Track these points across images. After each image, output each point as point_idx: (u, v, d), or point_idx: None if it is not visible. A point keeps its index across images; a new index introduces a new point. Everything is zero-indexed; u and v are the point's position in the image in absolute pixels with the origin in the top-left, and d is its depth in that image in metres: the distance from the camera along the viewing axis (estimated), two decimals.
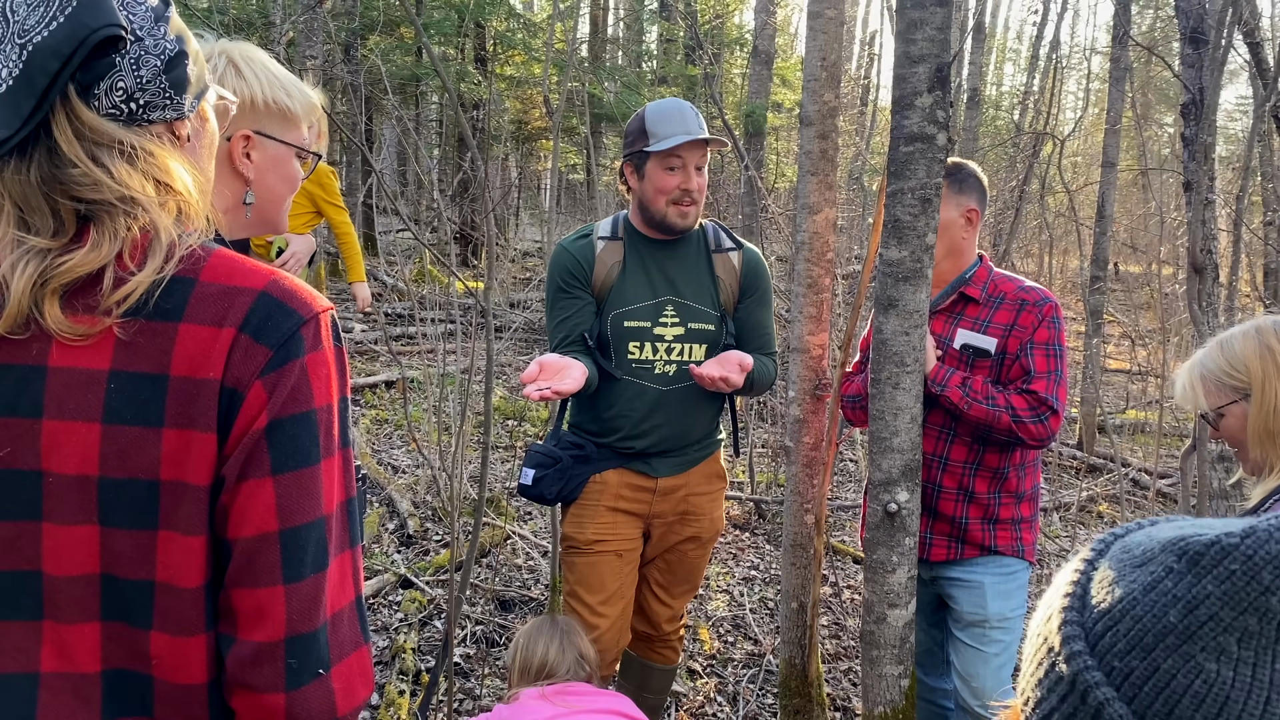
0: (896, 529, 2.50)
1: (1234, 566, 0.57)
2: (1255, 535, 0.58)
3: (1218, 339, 1.86)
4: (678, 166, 2.49)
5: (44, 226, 0.94)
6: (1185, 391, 1.88)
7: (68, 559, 0.95)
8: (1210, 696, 0.57)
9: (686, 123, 2.48)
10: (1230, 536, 0.58)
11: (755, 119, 7.56)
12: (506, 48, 13.20)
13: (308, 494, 0.98)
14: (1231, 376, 1.78)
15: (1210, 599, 0.58)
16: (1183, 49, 3.89)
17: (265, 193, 1.47)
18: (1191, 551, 0.60)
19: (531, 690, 2.22)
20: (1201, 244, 3.21)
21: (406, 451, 5.76)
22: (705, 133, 2.50)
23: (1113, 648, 0.61)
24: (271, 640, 0.96)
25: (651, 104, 2.59)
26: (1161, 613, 0.59)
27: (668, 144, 2.46)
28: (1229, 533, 0.59)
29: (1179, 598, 0.59)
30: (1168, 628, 0.59)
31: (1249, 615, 0.56)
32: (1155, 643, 0.59)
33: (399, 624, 3.71)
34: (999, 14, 24.82)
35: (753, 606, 4.25)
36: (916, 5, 2.31)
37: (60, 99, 0.92)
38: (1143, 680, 0.59)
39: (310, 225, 3.64)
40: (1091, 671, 0.61)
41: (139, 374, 0.93)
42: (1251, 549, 0.57)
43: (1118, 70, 7.01)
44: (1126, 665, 0.60)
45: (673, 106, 2.52)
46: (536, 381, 2.27)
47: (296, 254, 3.29)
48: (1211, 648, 0.57)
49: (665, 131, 2.47)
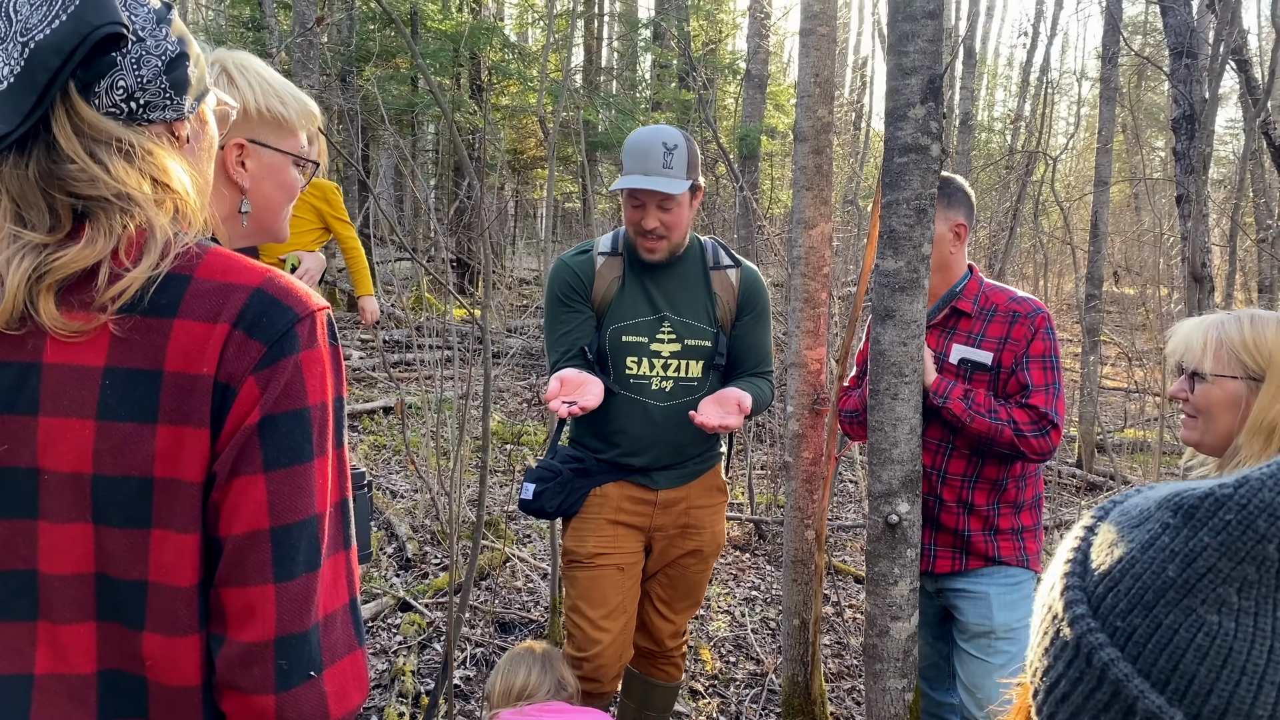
0: (898, 540, 2.49)
1: (1229, 517, 0.57)
2: (1249, 484, 0.57)
3: (1249, 312, 1.80)
4: (638, 205, 2.47)
5: (40, 222, 0.94)
6: (1189, 343, 1.82)
7: (62, 558, 0.95)
8: (1214, 649, 0.56)
9: (646, 162, 2.42)
10: (1224, 488, 0.58)
11: (749, 141, 7.62)
12: (502, 77, 13.29)
13: (300, 491, 0.97)
14: (1250, 354, 1.73)
15: (1207, 550, 0.57)
16: (1173, 65, 3.93)
17: (262, 201, 1.46)
18: (1186, 505, 0.60)
19: (508, 711, 2.22)
20: (1198, 254, 3.22)
21: (405, 476, 5.75)
22: (672, 173, 2.43)
23: (1115, 608, 0.61)
24: (261, 640, 0.95)
25: (636, 131, 2.54)
26: (1160, 568, 0.59)
27: (619, 184, 2.46)
28: (1222, 484, 0.59)
29: (1176, 552, 0.59)
30: (1167, 583, 0.58)
31: (1247, 564, 0.56)
32: (1156, 599, 0.59)
33: (398, 646, 3.68)
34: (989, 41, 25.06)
35: (754, 627, 4.22)
36: (908, 18, 2.33)
37: (61, 96, 0.92)
38: (1146, 638, 0.59)
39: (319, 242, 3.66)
40: (1095, 633, 0.61)
41: (134, 370, 0.93)
42: (1245, 498, 0.57)
43: (1108, 90, 7.08)
44: (1129, 624, 0.60)
45: (643, 141, 2.45)
46: (560, 397, 2.26)
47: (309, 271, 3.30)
48: (1212, 600, 0.57)
49: (627, 167, 2.46)
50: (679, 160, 2.45)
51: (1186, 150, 3.77)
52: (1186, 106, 3.75)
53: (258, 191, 1.45)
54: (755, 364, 2.67)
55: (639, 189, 2.42)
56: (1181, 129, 3.85)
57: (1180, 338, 1.86)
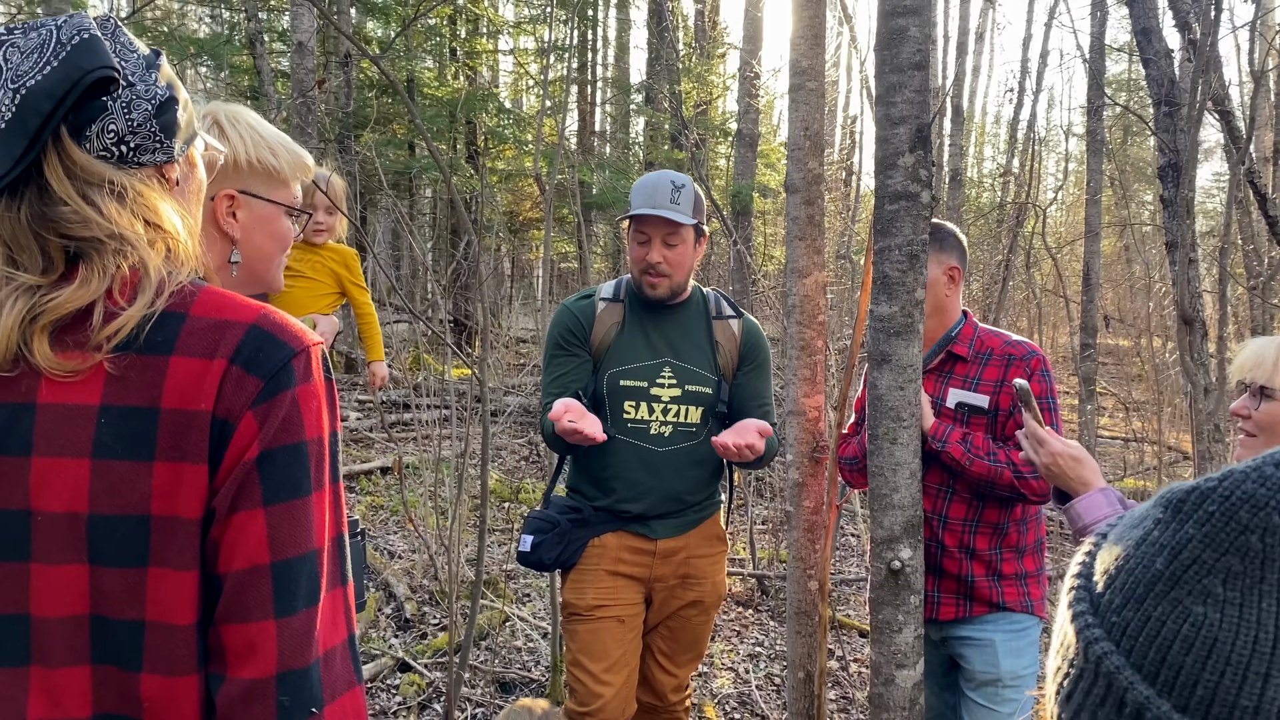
0: (901, 587, 2.47)
1: (1212, 508, 0.58)
2: (1232, 477, 0.58)
3: None
4: (644, 240, 2.53)
5: (33, 265, 0.95)
6: (1260, 359, 1.77)
7: (57, 600, 0.94)
8: (1199, 640, 0.57)
9: (655, 196, 2.49)
10: (1209, 481, 0.59)
11: (742, 198, 7.72)
12: (498, 142, 13.49)
13: (300, 526, 0.97)
14: None
15: (1192, 542, 0.58)
16: (1156, 115, 4.00)
17: (253, 251, 1.47)
18: (1175, 500, 0.61)
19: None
20: (1189, 298, 3.25)
21: (402, 536, 5.70)
22: (680, 209, 2.49)
23: (1111, 604, 0.62)
24: (263, 677, 0.94)
25: (644, 176, 2.62)
26: (1150, 562, 0.60)
27: (630, 213, 2.53)
28: (1209, 478, 0.60)
29: (1165, 545, 0.60)
30: (1156, 575, 0.59)
31: (1230, 555, 0.57)
32: (1146, 592, 0.59)
33: (398, 707, 3.62)
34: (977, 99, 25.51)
35: (759, 683, 4.16)
36: (894, 70, 2.38)
37: (52, 139, 0.94)
38: (1138, 631, 0.59)
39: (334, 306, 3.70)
40: (1093, 629, 0.62)
41: (130, 408, 0.93)
42: (1228, 490, 0.58)
43: (1094, 143, 7.19)
44: (1124, 619, 0.60)
45: (653, 179, 2.54)
46: (566, 417, 2.26)
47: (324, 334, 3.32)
48: (1198, 591, 0.57)
49: (636, 203, 2.53)
50: (686, 198, 2.52)
51: (1173, 197, 3.82)
52: (1171, 155, 3.81)
53: (249, 242, 1.46)
54: (759, 411, 2.67)
55: (647, 218, 2.49)
56: (1168, 177, 3.91)
57: (1249, 353, 1.83)
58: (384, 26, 12.28)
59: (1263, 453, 0.60)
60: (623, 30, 19.60)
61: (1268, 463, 0.58)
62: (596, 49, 18.16)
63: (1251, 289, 7.12)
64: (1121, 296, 17.09)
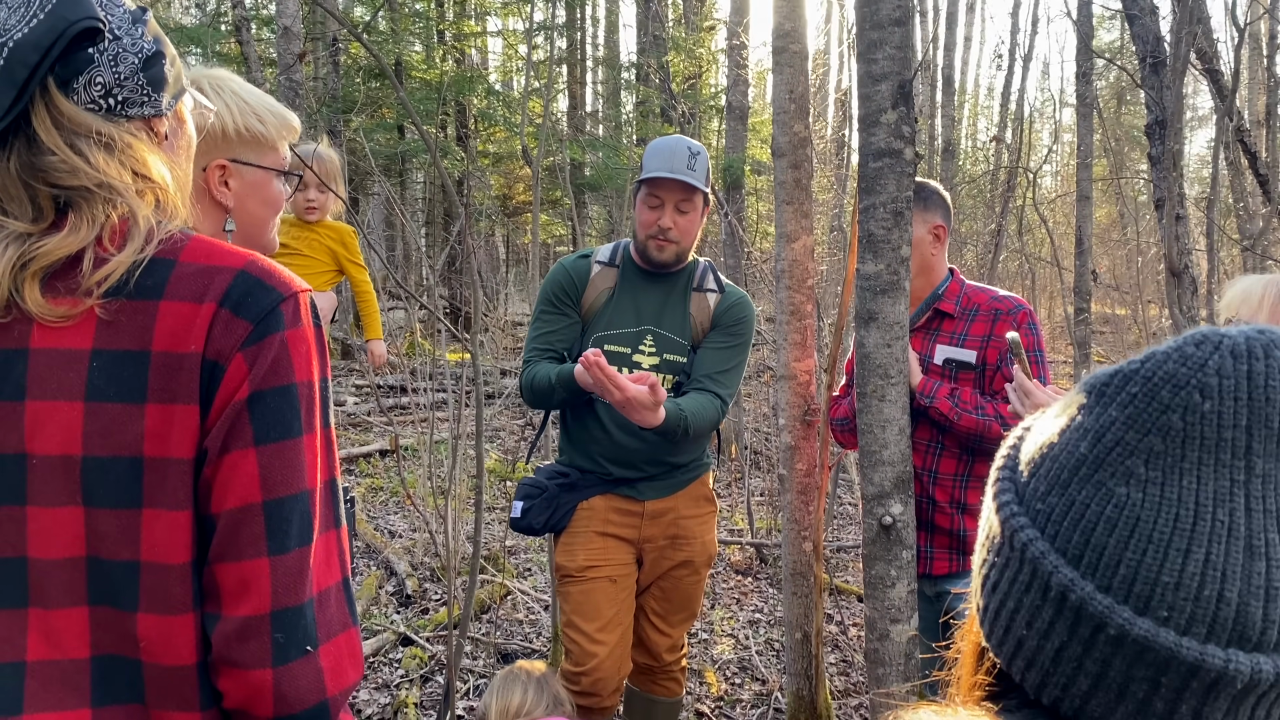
0: (893, 542, 2.49)
1: (1134, 390, 0.59)
2: (1154, 357, 0.59)
3: None
4: (656, 205, 2.52)
5: (22, 213, 0.96)
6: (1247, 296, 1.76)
7: (53, 542, 0.95)
8: (1122, 519, 0.57)
9: (673, 161, 2.48)
10: (1131, 364, 0.60)
11: (733, 171, 7.71)
12: (488, 124, 13.44)
13: (291, 466, 0.98)
14: None
15: (1116, 424, 0.59)
16: (1143, 73, 4.00)
17: (246, 218, 1.50)
18: (1098, 385, 0.62)
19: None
20: (1177, 252, 3.26)
21: (402, 517, 5.73)
22: (696, 175, 2.50)
23: (1036, 492, 0.62)
24: (257, 614, 0.95)
25: (659, 139, 2.61)
26: (1074, 447, 0.61)
27: (644, 175, 2.52)
28: (1130, 360, 0.61)
29: (1089, 429, 0.60)
30: (1080, 460, 0.60)
31: (1153, 435, 0.57)
32: (1070, 477, 0.60)
33: (400, 680, 3.65)
34: (968, 70, 25.43)
35: (758, 648, 4.20)
36: (875, 26, 2.39)
37: (40, 91, 0.95)
38: (1062, 516, 0.60)
39: (332, 283, 3.71)
40: (1017, 518, 0.62)
41: (121, 351, 0.94)
42: (1150, 371, 0.59)
43: (1084, 107, 7.19)
44: (1048, 505, 0.61)
45: (669, 143, 2.53)
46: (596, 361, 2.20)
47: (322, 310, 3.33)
48: (1120, 472, 0.58)
49: (651, 165, 2.51)
50: (700, 165, 2.53)
51: (1160, 154, 3.83)
52: (1158, 111, 3.82)
53: (242, 209, 1.49)
54: (703, 378, 2.56)
55: (661, 181, 2.48)
56: (1155, 134, 3.91)
57: (1237, 291, 1.81)
58: (370, 10, 12.21)
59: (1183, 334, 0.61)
60: (612, 8, 19.52)
61: (1188, 343, 0.59)
62: (585, 28, 18.08)
63: (1244, 248, 7.13)
64: (1117, 264, 17.10)
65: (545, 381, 2.46)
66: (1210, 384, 0.57)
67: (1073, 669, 0.59)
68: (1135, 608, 0.57)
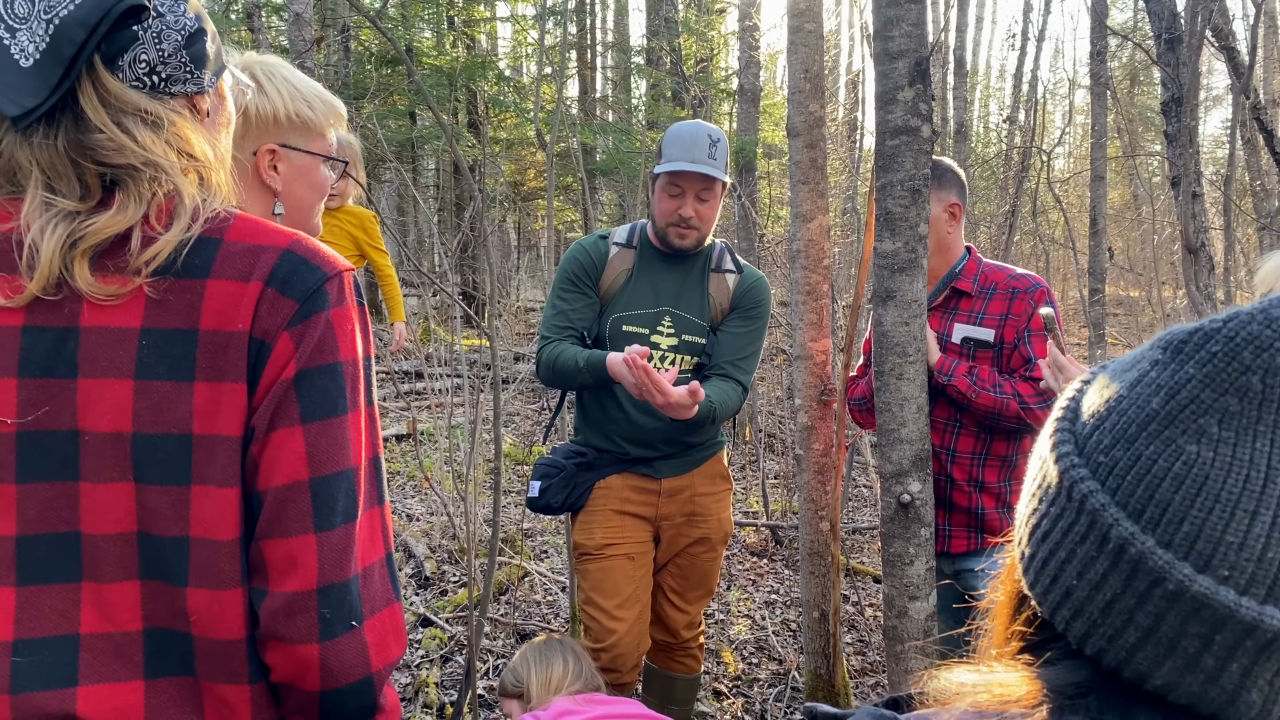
0: (911, 520, 2.50)
1: (1215, 349, 0.58)
2: (1238, 318, 0.59)
3: None
4: (677, 194, 2.52)
5: (70, 192, 0.97)
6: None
7: (105, 518, 0.96)
8: (1190, 478, 0.57)
9: (694, 150, 2.48)
10: (1214, 322, 0.60)
11: (745, 154, 7.69)
12: (499, 110, 13.43)
13: (336, 443, 0.99)
14: None
15: (1192, 382, 0.59)
16: (1159, 49, 3.98)
17: (294, 202, 1.52)
18: (1176, 341, 0.61)
19: (562, 698, 2.22)
20: (1193, 229, 3.25)
21: (420, 500, 5.77)
22: (716, 164, 2.50)
23: (1099, 445, 0.62)
24: (304, 589, 0.97)
25: (677, 124, 2.60)
26: (1145, 402, 0.60)
27: (665, 168, 2.50)
28: (1213, 319, 0.60)
29: (1162, 385, 0.60)
30: (1150, 415, 0.60)
31: (1229, 395, 0.57)
32: (1139, 432, 0.60)
33: (420, 660, 3.69)
34: (980, 52, 25.24)
35: (775, 629, 4.22)
36: (891, 3, 2.39)
37: (86, 69, 0.96)
38: (1126, 470, 0.60)
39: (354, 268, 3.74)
40: (1078, 469, 0.62)
41: (169, 330, 0.96)
42: (1234, 330, 0.58)
43: (1098, 86, 7.14)
44: (1111, 459, 0.61)
45: (689, 131, 2.52)
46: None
47: None
48: (1192, 430, 0.58)
49: (672, 155, 2.51)
50: (721, 153, 2.53)
51: (1176, 132, 3.81)
52: (1174, 89, 3.80)
53: (290, 193, 1.51)
54: (725, 364, 2.61)
55: (683, 174, 2.48)
56: (1170, 112, 3.89)
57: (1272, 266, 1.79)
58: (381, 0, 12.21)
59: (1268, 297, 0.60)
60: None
61: (1274, 305, 0.59)
62: (595, 12, 18.01)
63: (1261, 227, 7.09)
64: (1131, 245, 16.99)
65: (570, 364, 2.46)
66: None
67: (1122, 621, 0.60)
68: (1196, 565, 0.57)
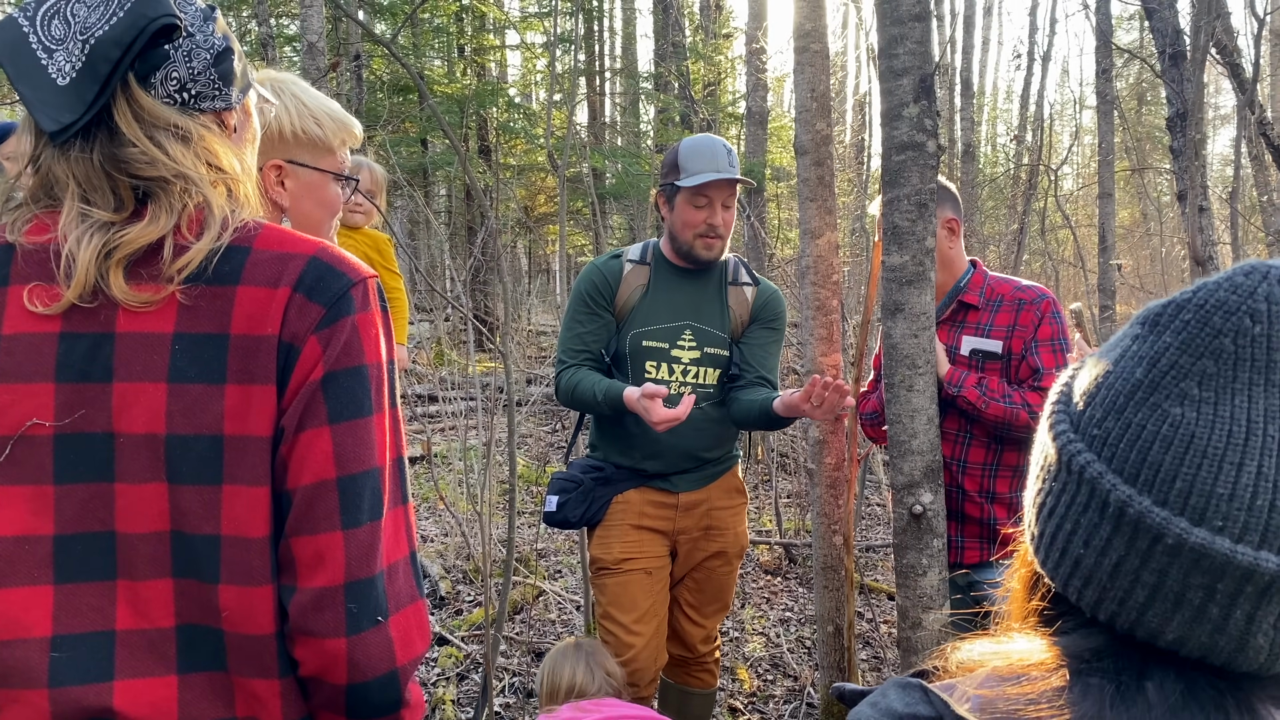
0: (924, 531, 2.52)
1: (1188, 317, 0.63)
2: (1205, 287, 0.64)
3: None
4: (704, 204, 2.57)
5: (105, 203, 1.02)
6: None
7: (139, 517, 1.00)
8: (1177, 438, 0.62)
9: (716, 160, 2.54)
10: (1184, 293, 0.65)
11: (754, 176, 7.76)
12: (509, 137, 13.56)
13: (363, 443, 1.02)
14: None
15: (1170, 350, 0.63)
16: (1163, 65, 4.02)
17: (302, 219, 1.54)
18: (1152, 315, 0.66)
19: (566, 706, 2.24)
20: (1201, 241, 3.28)
21: (434, 521, 5.80)
22: (736, 170, 2.57)
23: (1092, 419, 0.66)
24: (331, 585, 1.00)
25: (686, 139, 2.66)
26: (1129, 374, 0.65)
27: (695, 180, 2.53)
28: (1182, 292, 0.65)
29: (1143, 356, 0.65)
30: (1135, 385, 0.64)
31: (1205, 359, 0.62)
32: (1126, 402, 0.64)
33: (436, 679, 3.71)
34: (986, 74, 25.35)
35: (790, 646, 4.23)
36: (895, 22, 2.43)
37: (121, 86, 1.01)
38: (1118, 438, 0.64)
39: None
40: (1074, 444, 0.67)
41: (201, 334, 1.00)
42: (1203, 299, 0.63)
43: (1104, 104, 7.19)
44: (1104, 430, 0.65)
45: (705, 143, 2.59)
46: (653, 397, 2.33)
47: None
48: (1175, 394, 0.62)
49: (695, 167, 2.55)
50: (735, 160, 2.61)
51: (1181, 146, 3.85)
52: (1179, 104, 3.84)
53: (298, 210, 1.54)
54: (757, 375, 2.69)
55: (710, 183, 2.53)
56: (1176, 126, 3.93)
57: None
58: (392, 27, 12.37)
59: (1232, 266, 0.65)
60: (629, 20, 19.64)
61: (1238, 273, 0.63)
62: (603, 40, 18.21)
63: (1270, 243, 7.10)
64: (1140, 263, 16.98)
65: (589, 395, 2.51)
66: (1260, 309, 0.61)
67: (1130, 581, 0.63)
68: (1191, 519, 0.61)
